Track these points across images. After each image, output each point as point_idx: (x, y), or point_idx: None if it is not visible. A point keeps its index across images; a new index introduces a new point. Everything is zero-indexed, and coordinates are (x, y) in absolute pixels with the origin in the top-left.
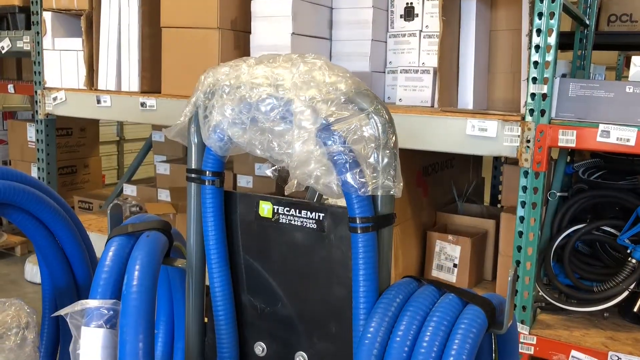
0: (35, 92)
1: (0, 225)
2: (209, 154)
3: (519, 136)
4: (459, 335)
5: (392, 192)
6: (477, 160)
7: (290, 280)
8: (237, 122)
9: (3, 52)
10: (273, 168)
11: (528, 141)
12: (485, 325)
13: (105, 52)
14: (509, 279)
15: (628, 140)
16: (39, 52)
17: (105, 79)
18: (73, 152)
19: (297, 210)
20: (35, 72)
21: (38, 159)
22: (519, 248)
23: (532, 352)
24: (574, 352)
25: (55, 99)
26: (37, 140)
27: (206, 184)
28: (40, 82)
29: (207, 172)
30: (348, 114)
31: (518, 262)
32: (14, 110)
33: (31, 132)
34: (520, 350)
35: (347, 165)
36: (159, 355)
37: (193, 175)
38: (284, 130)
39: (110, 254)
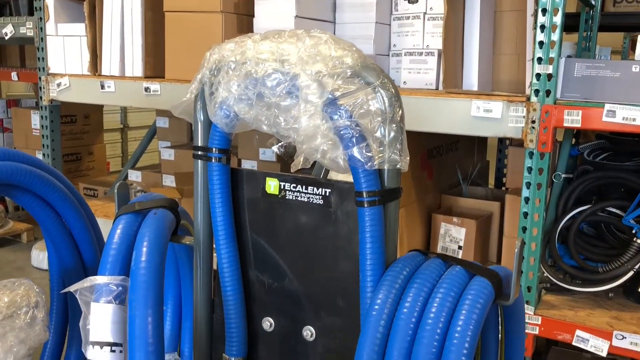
0: (39, 78)
1: (6, 213)
2: (215, 131)
3: (524, 117)
4: (465, 306)
5: (398, 166)
6: (481, 143)
7: (297, 256)
8: (244, 98)
9: (6, 38)
10: (279, 144)
11: (533, 122)
12: (492, 297)
13: (108, 38)
14: (516, 250)
15: (634, 119)
16: (42, 38)
17: (109, 64)
18: (77, 140)
19: (304, 187)
20: (38, 58)
21: (43, 145)
22: (524, 229)
23: (537, 332)
24: (578, 332)
25: (59, 84)
26: (42, 126)
27: (213, 161)
28: (44, 68)
29: (214, 149)
30: (354, 87)
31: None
32: (17, 98)
33: (35, 120)
34: (525, 331)
35: (354, 140)
36: (167, 335)
37: (200, 153)
38: (290, 105)
39: (118, 231)
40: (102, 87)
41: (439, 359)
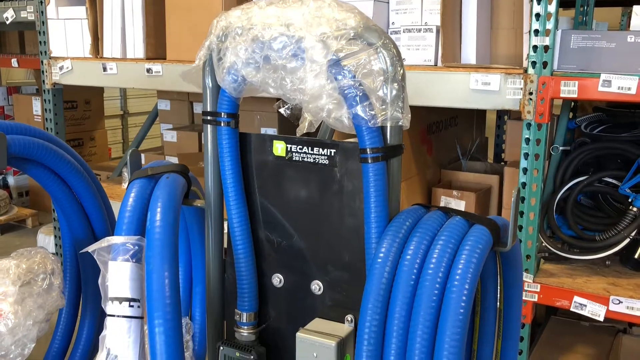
0: (42, 62)
1: (10, 199)
2: (224, 96)
3: (521, 89)
4: (465, 252)
5: (400, 123)
6: (480, 118)
7: (305, 214)
8: (251, 62)
9: (7, 22)
10: (286, 107)
11: (530, 93)
12: (490, 243)
13: (109, 20)
14: (512, 199)
15: (629, 88)
16: (43, 22)
17: (111, 46)
18: (79, 125)
19: (310, 148)
20: (40, 42)
21: (47, 128)
22: (523, 199)
23: (536, 300)
24: (576, 298)
25: (61, 68)
26: (45, 110)
27: (222, 125)
28: (45, 52)
29: (223, 114)
30: (357, 48)
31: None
32: (18, 85)
33: (37, 106)
34: (524, 298)
35: (357, 99)
36: None
37: (209, 118)
38: (296, 67)
39: (133, 194)
40: (104, 69)
41: (441, 301)
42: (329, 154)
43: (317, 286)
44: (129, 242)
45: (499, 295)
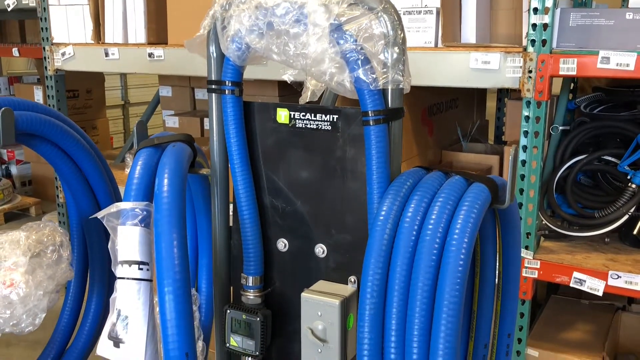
0: (43, 48)
1: (13, 188)
2: (228, 64)
3: (521, 67)
4: (464, 208)
5: (401, 86)
6: (480, 101)
7: (308, 179)
8: (254, 29)
9: (9, 10)
10: (290, 73)
11: (530, 71)
12: (488, 200)
13: (110, 5)
14: (510, 157)
15: (628, 65)
16: (44, 8)
17: (112, 31)
18: (80, 114)
19: (313, 114)
20: (42, 29)
21: None
22: (522, 177)
23: (536, 276)
24: (575, 274)
25: (63, 54)
26: (48, 96)
27: (226, 93)
28: (47, 38)
29: (227, 82)
30: (358, 13)
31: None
32: (19, 75)
33: (38, 95)
34: (524, 275)
35: (359, 62)
36: None
37: (214, 87)
38: (299, 32)
39: (140, 162)
40: (106, 54)
41: (441, 256)
42: (331, 119)
43: (321, 249)
44: (138, 207)
45: (498, 256)
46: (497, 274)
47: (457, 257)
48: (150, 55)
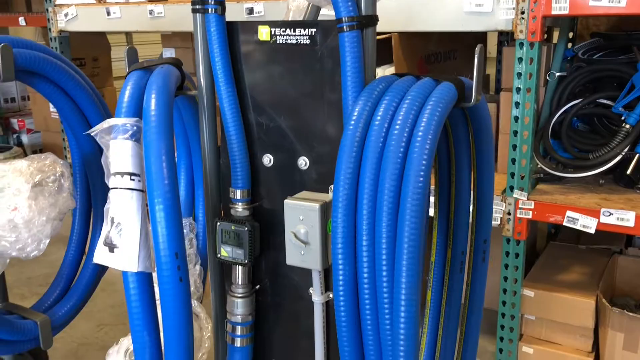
0: (47, 9)
1: (25, 156)
2: None
3: (513, 8)
4: (430, 104)
5: None
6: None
7: (289, 95)
8: None
9: None
10: None
11: (522, 12)
12: (454, 97)
13: None
14: (476, 55)
15: (619, 1)
16: None
17: None
18: None
19: (292, 30)
20: None
21: None
22: (516, 118)
23: (530, 217)
24: (569, 212)
25: (66, 15)
26: None
27: (210, 12)
28: (50, 0)
29: (210, 1)
30: None
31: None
32: None
33: None
34: (518, 216)
35: None
36: (182, 201)
37: (197, 7)
38: None
39: (130, 82)
40: (108, 13)
41: (407, 153)
42: (309, 33)
43: (303, 162)
44: (128, 122)
45: (471, 161)
46: (472, 181)
47: (423, 147)
48: (150, 12)
